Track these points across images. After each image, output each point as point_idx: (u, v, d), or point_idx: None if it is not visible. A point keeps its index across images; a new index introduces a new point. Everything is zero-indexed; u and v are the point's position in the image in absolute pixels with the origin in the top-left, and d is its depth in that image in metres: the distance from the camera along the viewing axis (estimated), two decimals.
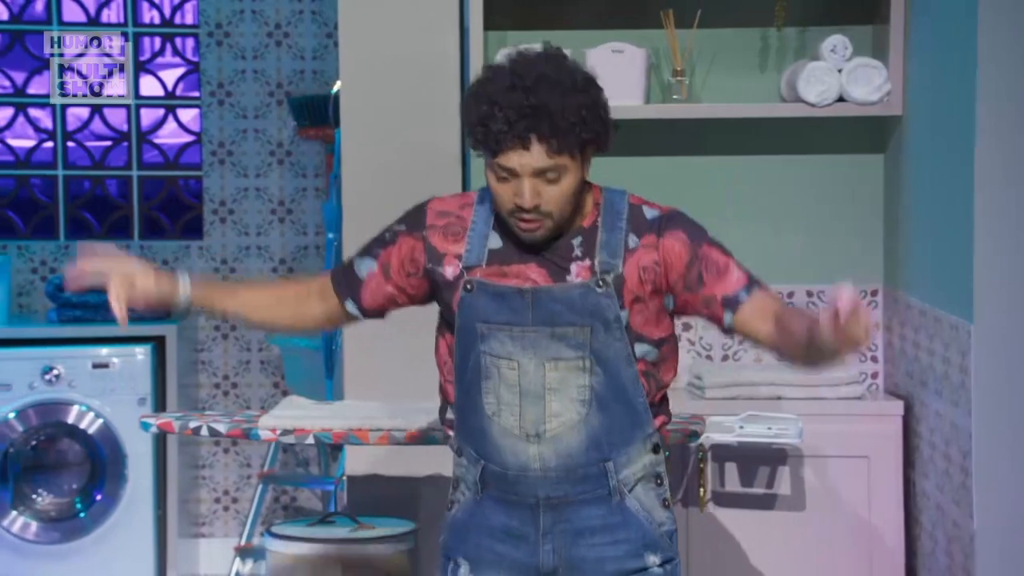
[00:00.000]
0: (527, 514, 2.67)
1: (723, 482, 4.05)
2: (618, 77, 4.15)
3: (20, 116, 6.18)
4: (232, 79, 6.15)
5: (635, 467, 2.67)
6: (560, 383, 2.63)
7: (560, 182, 2.60)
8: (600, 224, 2.68)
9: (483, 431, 2.67)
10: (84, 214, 6.21)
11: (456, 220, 2.72)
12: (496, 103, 2.56)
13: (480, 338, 2.64)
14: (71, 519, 5.50)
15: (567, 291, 2.63)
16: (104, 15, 6.19)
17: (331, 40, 6.16)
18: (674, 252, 2.68)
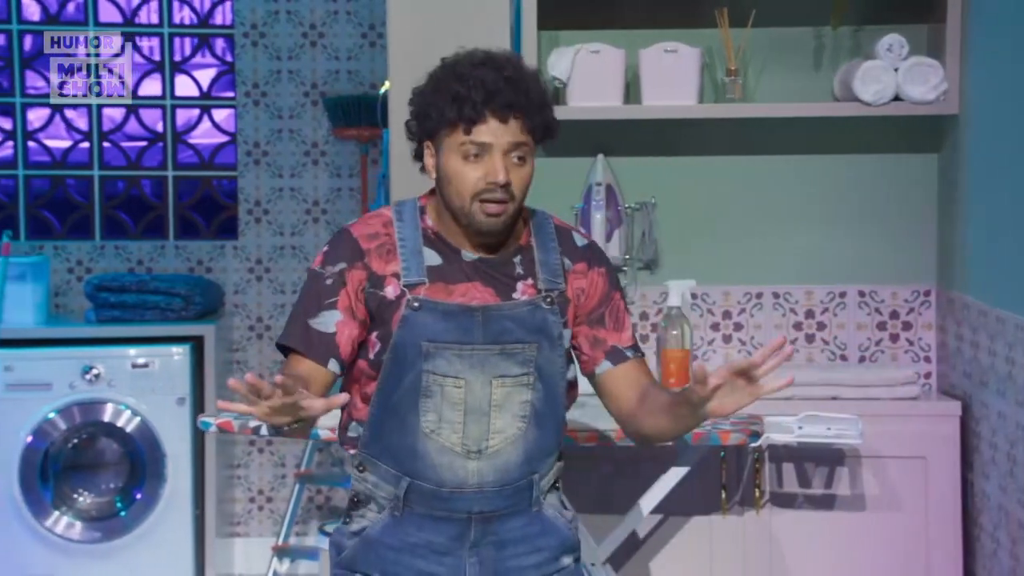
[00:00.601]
0: (456, 529, 2.64)
1: (780, 483, 3.99)
2: (671, 77, 4.10)
3: (56, 117, 6.12)
4: (267, 79, 6.09)
5: (550, 476, 2.70)
6: (505, 399, 2.61)
7: (525, 165, 2.59)
8: (534, 244, 2.68)
9: (413, 450, 2.60)
10: (120, 214, 6.15)
11: (385, 239, 2.65)
12: (469, 78, 2.54)
13: (424, 357, 2.58)
14: (111, 518, 5.44)
15: (516, 308, 2.61)
16: (140, 16, 6.13)
17: (366, 40, 6.10)
18: (596, 286, 2.70)
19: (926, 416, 3.99)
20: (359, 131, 6.02)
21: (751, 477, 3.90)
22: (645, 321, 4.33)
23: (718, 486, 3.95)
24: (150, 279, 5.68)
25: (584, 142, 4.27)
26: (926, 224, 4.27)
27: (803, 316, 4.31)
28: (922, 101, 4.04)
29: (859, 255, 4.28)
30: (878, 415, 3.92)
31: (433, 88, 2.59)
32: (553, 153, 4.31)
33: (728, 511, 3.96)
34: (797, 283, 4.31)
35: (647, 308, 4.33)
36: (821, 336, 4.31)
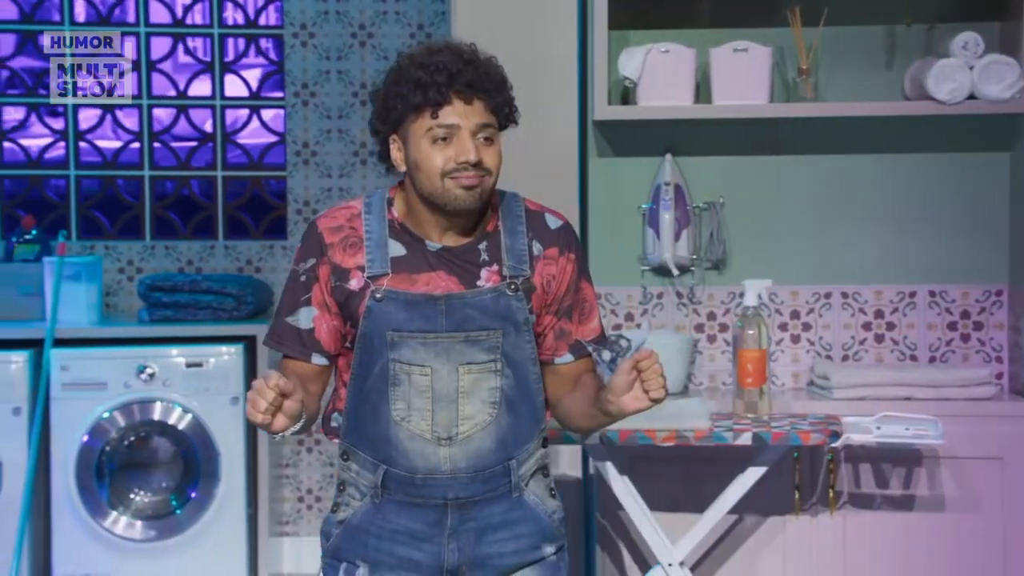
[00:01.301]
0: (433, 516, 2.64)
1: (854, 483, 3.91)
2: (742, 76, 4.03)
3: (108, 117, 6.06)
4: (316, 79, 6.03)
5: (531, 462, 2.68)
6: (472, 386, 2.61)
7: (494, 144, 2.60)
8: (501, 228, 2.66)
9: (387, 437, 2.61)
10: (170, 214, 6.09)
11: (350, 232, 2.66)
12: (430, 64, 2.54)
13: (390, 346, 2.59)
14: (167, 517, 5.39)
15: (479, 296, 2.61)
16: (189, 17, 6.07)
17: (415, 40, 6.04)
18: (566, 274, 2.69)
19: (1002, 417, 3.91)
20: None
21: (825, 478, 3.83)
22: (713, 321, 4.26)
23: (791, 486, 3.87)
24: (202, 279, 5.62)
25: (652, 142, 4.21)
26: (998, 223, 4.19)
27: (872, 316, 4.24)
28: (998, 99, 3.96)
29: (929, 254, 4.21)
30: (953, 416, 3.83)
31: (395, 80, 2.60)
32: (621, 153, 4.25)
33: (801, 512, 3.88)
34: (866, 283, 4.23)
35: (714, 308, 4.26)
36: (891, 336, 4.23)
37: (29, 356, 5.36)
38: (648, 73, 4.06)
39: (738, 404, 3.77)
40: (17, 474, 5.29)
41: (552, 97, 4.26)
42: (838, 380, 3.97)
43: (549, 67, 4.25)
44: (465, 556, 2.65)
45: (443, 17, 6.03)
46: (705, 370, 4.25)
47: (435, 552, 2.65)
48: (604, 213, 4.26)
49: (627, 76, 4.07)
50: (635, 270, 4.25)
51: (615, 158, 4.24)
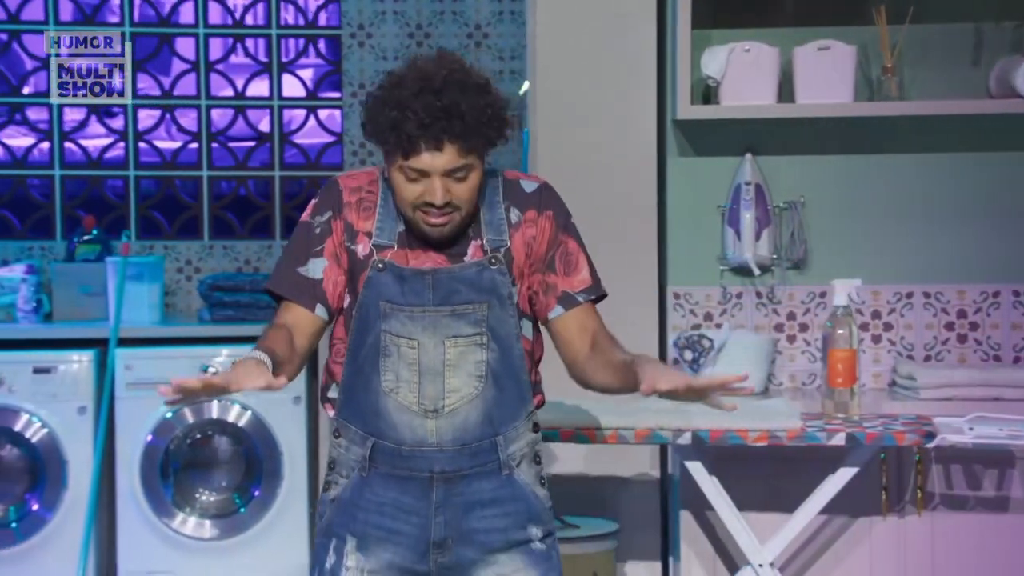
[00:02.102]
0: (420, 488, 2.64)
1: (941, 485, 3.83)
2: (825, 75, 3.95)
3: (167, 117, 6.00)
4: (373, 80, 5.94)
5: (520, 443, 2.68)
6: (459, 359, 2.62)
7: (468, 179, 2.57)
8: (481, 204, 2.65)
9: (376, 408, 2.63)
10: (227, 214, 6.03)
11: (367, 195, 2.67)
12: (407, 107, 2.52)
13: (382, 317, 2.61)
14: (231, 515, 5.32)
15: (465, 270, 2.62)
16: (248, 18, 6.00)
17: (471, 40, 5.97)
18: (544, 231, 2.68)
19: None
20: None
21: (913, 479, 3.75)
22: (792, 321, 4.18)
23: (879, 487, 3.79)
24: (263, 279, 5.56)
25: (732, 141, 4.13)
26: None
27: (955, 316, 4.15)
28: None
29: (1013, 254, 4.11)
30: None
31: (378, 108, 2.57)
32: (701, 152, 4.17)
33: (889, 513, 3.80)
34: (949, 282, 4.14)
35: (794, 308, 4.18)
36: (974, 336, 4.15)
37: (94, 355, 5.31)
38: (731, 72, 3.98)
39: (828, 404, 3.69)
40: (83, 473, 5.26)
41: (630, 97, 4.19)
42: (924, 380, 3.89)
43: (627, 67, 4.18)
44: (452, 530, 2.65)
45: (499, 17, 5.96)
46: (785, 370, 4.16)
47: (422, 524, 2.65)
48: (682, 213, 4.18)
49: (710, 75, 3.99)
50: (714, 270, 4.17)
51: (694, 158, 4.16)
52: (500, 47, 5.97)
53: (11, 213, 5.92)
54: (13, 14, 5.88)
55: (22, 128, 5.95)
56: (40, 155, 5.94)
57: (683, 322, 4.17)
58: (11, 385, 5.24)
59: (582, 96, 4.20)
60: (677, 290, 4.18)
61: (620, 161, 4.20)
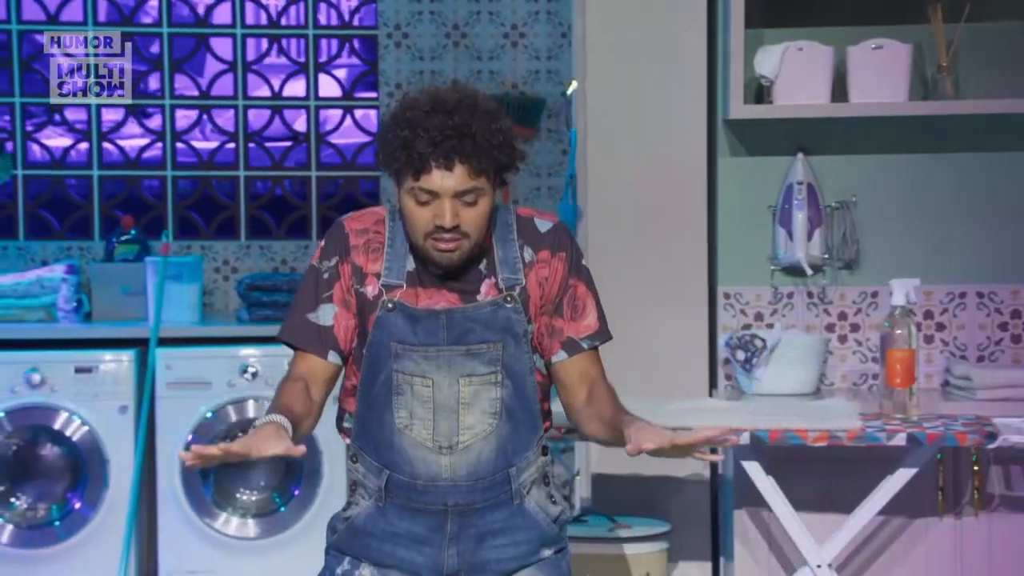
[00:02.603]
0: (434, 521, 2.63)
1: (997, 486, 3.77)
2: (879, 74, 3.90)
3: (204, 117, 5.95)
4: (410, 80, 5.91)
5: (531, 470, 2.66)
6: (473, 397, 2.60)
7: (478, 205, 2.55)
8: (494, 241, 2.64)
9: (391, 443, 2.60)
10: (264, 214, 5.98)
11: (374, 236, 2.65)
12: (418, 126, 2.51)
13: (394, 357, 2.59)
14: (271, 515, 5.28)
15: (479, 309, 2.59)
16: (284, 18, 5.95)
17: (508, 40, 5.92)
18: (556, 273, 2.66)
19: None
20: None
21: (971, 479, 3.70)
22: (844, 321, 4.12)
23: (935, 488, 3.74)
24: (301, 278, 5.49)
25: (783, 141, 4.07)
26: None
27: (1008, 316, 4.08)
28: None
29: None
30: None
31: (390, 130, 2.57)
32: (752, 152, 4.11)
33: (946, 514, 3.75)
34: (1003, 282, 4.07)
35: (846, 308, 4.12)
36: None
37: (134, 355, 5.27)
38: (784, 71, 3.92)
39: (886, 404, 3.63)
40: (124, 472, 5.22)
41: (680, 96, 4.14)
42: (981, 381, 3.83)
43: (677, 66, 4.13)
44: (464, 561, 2.64)
45: (535, 16, 5.90)
46: (837, 371, 4.11)
47: (435, 556, 2.64)
48: (733, 213, 4.12)
49: (763, 74, 3.93)
50: (764, 270, 4.11)
51: (745, 157, 4.11)
52: (536, 47, 5.92)
53: (50, 213, 5.87)
54: (52, 15, 5.83)
55: (59, 128, 5.90)
56: (77, 155, 5.90)
57: (733, 322, 4.11)
58: (53, 384, 5.21)
59: (632, 96, 4.15)
60: (727, 290, 4.13)
61: (670, 161, 4.15)
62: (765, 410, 3.62)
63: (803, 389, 3.94)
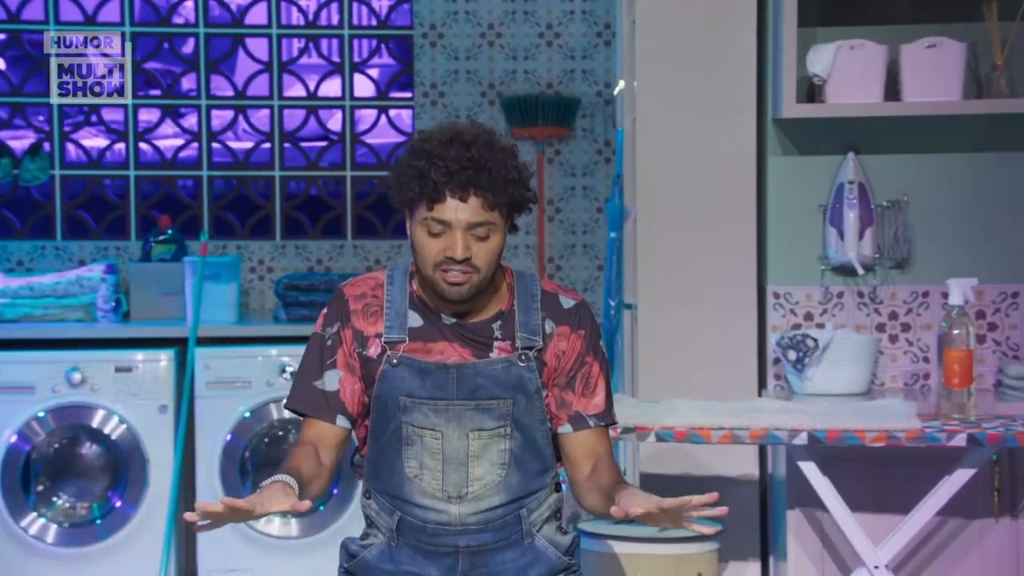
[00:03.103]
0: (445, 562, 2.63)
1: None
2: (934, 72, 3.83)
3: (239, 118, 5.90)
4: (445, 80, 5.86)
5: (543, 509, 2.65)
6: (482, 450, 2.60)
7: (489, 240, 2.53)
8: (516, 307, 2.63)
9: (400, 489, 2.61)
10: (299, 214, 5.92)
11: (372, 300, 2.64)
12: (435, 156, 2.50)
13: (402, 410, 2.59)
14: (310, 514, 5.22)
15: (491, 365, 2.59)
16: (321, 18, 5.89)
17: (543, 40, 5.86)
18: (573, 348, 2.65)
19: None
20: (536, 130, 5.80)
21: None
22: (894, 321, 4.06)
23: (991, 489, 3.68)
24: (338, 278, 5.46)
25: (834, 140, 4.01)
26: None
27: None
28: None
29: None
30: None
31: (406, 162, 2.55)
32: (803, 151, 4.06)
33: (1001, 515, 3.69)
34: None
35: (896, 308, 4.06)
36: None
37: (174, 355, 5.22)
38: (837, 70, 3.86)
39: (944, 405, 3.57)
40: (164, 471, 5.19)
41: (730, 95, 4.07)
42: None
43: (727, 65, 4.07)
44: None
45: (571, 16, 5.85)
46: (887, 371, 4.05)
47: None
48: (782, 212, 4.06)
49: (816, 73, 3.87)
50: (814, 269, 4.05)
51: (796, 156, 4.05)
52: (571, 47, 5.86)
53: (87, 213, 5.82)
54: (90, 16, 5.78)
55: (96, 129, 5.86)
56: (113, 156, 5.85)
57: (783, 322, 4.05)
58: (93, 384, 5.18)
59: (681, 95, 4.08)
60: (777, 289, 4.07)
61: (719, 160, 4.09)
62: (820, 410, 3.57)
63: (855, 389, 3.89)
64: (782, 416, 3.49)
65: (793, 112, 3.87)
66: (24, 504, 5.14)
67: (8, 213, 5.78)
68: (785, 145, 4.05)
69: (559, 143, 5.88)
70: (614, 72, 5.77)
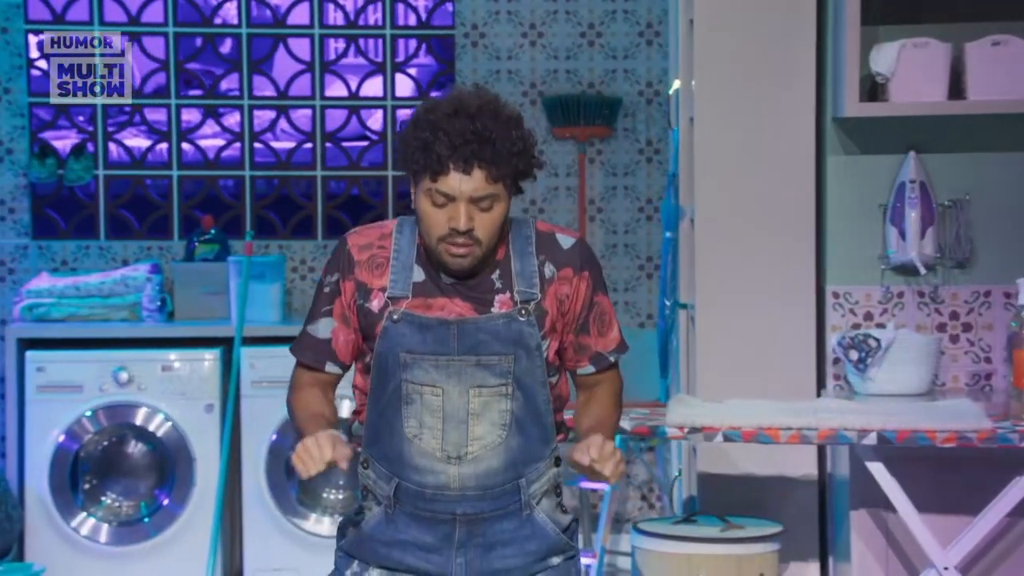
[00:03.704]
0: (442, 529, 2.60)
1: None
2: (999, 70, 3.77)
3: (281, 118, 5.84)
4: (486, 79, 5.80)
5: (542, 481, 2.62)
6: (483, 408, 2.57)
7: (493, 211, 2.51)
8: (511, 253, 2.59)
9: (399, 452, 2.58)
10: (340, 214, 5.87)
11: (378, 251, 2.61)
12: (440, 128, 2.48)
13: (403, 367, 2.55)
14: None
15: (491, 321, 2.56)
16: (362, 18, 5.84)
17: (584, 40, 5.80)
18: (580, 292, 2.61)
19: None
20: (577, 130, 5.74)
21: None
22: (956, 321, 3.99)
23: None
24: None
25: (894, 139, 3.95)
26: None
27: None
28: None
29: None
30: None
31: (411, 132, 2.53)
32: (864, 150, 4.00)
33: None
34: None
35: (957, 308, 3.99)
36: None
37: (219, 354, 5.17)
38: (901, 69, 3.80)
39: (1014, 405, 3.51)
40: (210, 470, 5.15)
41: (789, 94, 4.02)
42: None
43: (786, 64, 4.01)
44: (472, 570, 2.62)
45: (612, 16, 5.78)
46: (948, 371, 3.98)
47: (443, 564, 2.61)
48: (841, 211, 4.01)
49: (879, 72, 3.81)
50: (873, 269, 4.00)
51: (853, 156, 3.99)
52: (613, 46, 5.80)
53: (130, 213, 5.77)
54: (133, 16, 5.73)
55: (138, 129, 5.81)
56: (154, 156, 5.79)
57: (842, 322, 3.99)
58: (140, 383, 5.14)
59: (740, 94, 4.03)
60: (836, 289, 4.01)
61: (778, 159, 4.03)
62: (887, 410, 3.51)
63: (916, 390, 3.83)
64: (851, 416, 3.43)
65: (856, 111, 3.82)
66: (72, 503, 5.11)
67: (53, 213, 5.73)
68: (845, 144, 3.99)
69: (600, 143, 5.82)
70: (656, 72, 5.71)
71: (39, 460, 5.10)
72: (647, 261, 5.77)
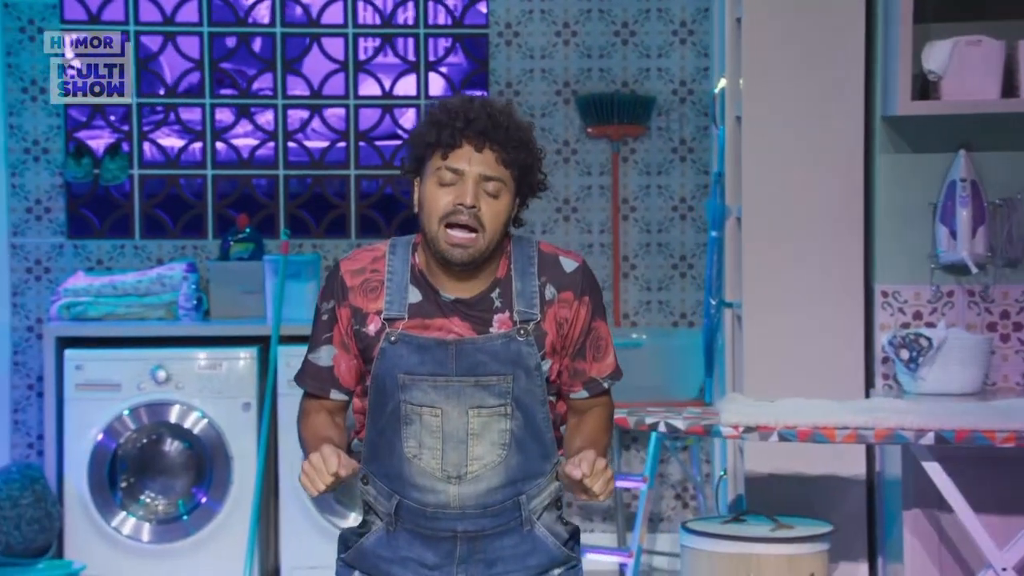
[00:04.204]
0: (443, 547, 2.58)
1: None
2: None
3: (315, 117, 5.79)
4: (520, 78, 5.74)
5: (543, 496, 2.59)
6: (482, 428, 2.54)
7: (499, 199, 2.49)
8: (512, 272, 2.56)
9: (399, 471, 2.56)
10: (374, 213, 5.82)
11: (371, 275, 2.57)
12: (454, 110, 2.50)
13: (401, 388, 2.53)
14: None
15: (490, 341, 2.53)
16: (397, 17, 5.79)
17: (618, 39, 5.74)
18: (579, 317, 2.58)
19: None
20: (611, 129, 5.69)
21: None
22: (1006, 320, 3.94)
23: None
24: None
25: (945, 137, 3.90)
26: None
27: None
28: None
29: None
30: None
31: (424, 121, 2.54)
32: (914, 149, 3.94)
33: None
34: None
35: (1008, 307, 3.94)
36: None
37: (256, 352, 5.13)
38: (953, 66, 3.74)
39: None
40: (248, 468, 5.11)
41: (838, 92, 3.97)
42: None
43: (835, 62, 3.96)
44: None
45: (646, 15, 5.73)
46: (999, 370, 3.93)
47: None
48: (891, 210, 3.96)
49: (931, 70, 3.76)
50: (923, 268, 3.94)
51: (903, 154, 3.93)
52: (646, 45, 5.74)
53: (164, 212, 5.72)
54: (168, 16, 5.68)
55: (173, 128, 5.76)
56: (188, 155, 5.75)
57: (891, 320, 3.94)
58: (178, 382, 5.10)
59: (789, 92, 3.98)
60: (885, 288, 3.96)
61: (827, 157, 3.98)
62: (942, 410, 3.46)
63: (968, 389, 3.78)
64: (908, 416, 3.38)
65: (908, 110, 3.77)
66: (111, 500, 5.07)
67: (88, 212, 5.68)
68: (896, 142, 3.94)
69: (634, 142, 5.76)
70: (689, 70, 5.66)
71: (78, 458, 5.07)
72: (680, 260, 5.71)
